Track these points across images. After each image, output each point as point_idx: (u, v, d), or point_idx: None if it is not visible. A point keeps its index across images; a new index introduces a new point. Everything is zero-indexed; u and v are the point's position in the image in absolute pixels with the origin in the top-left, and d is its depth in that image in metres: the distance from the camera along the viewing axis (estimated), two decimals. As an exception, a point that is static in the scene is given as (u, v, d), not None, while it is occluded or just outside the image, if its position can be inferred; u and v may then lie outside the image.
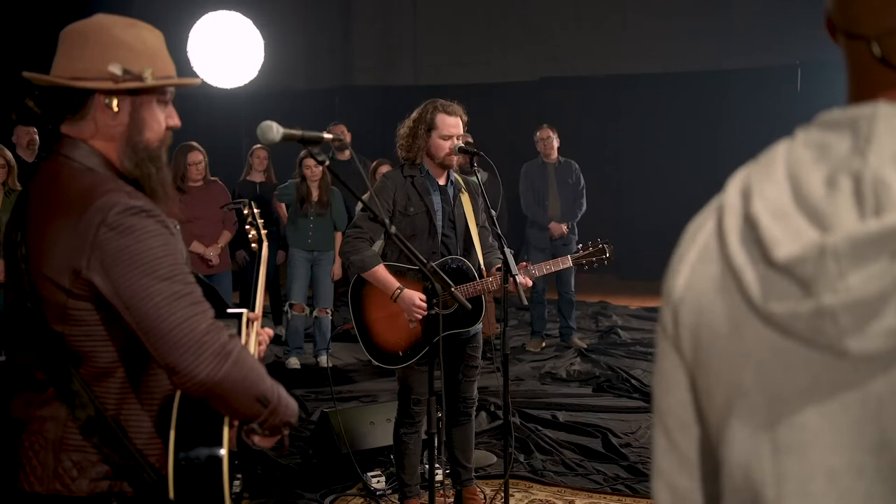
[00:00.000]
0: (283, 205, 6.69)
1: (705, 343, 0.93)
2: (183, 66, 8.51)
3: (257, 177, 7.14)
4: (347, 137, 7.24)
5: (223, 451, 1.60)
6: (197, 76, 1.80)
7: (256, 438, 1.68)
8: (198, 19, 9.03)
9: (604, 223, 8.79)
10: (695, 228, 0.99)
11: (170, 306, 1.49)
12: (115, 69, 1.59)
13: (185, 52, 8.92)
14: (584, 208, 7.13)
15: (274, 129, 1.98)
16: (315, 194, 6.39)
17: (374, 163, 6.57)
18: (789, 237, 0.84)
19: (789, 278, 0.84)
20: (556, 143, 7.11)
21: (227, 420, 1.62)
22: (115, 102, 1.61)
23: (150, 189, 1.65)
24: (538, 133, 7.19)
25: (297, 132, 2.04)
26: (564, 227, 6.98)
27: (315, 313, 6.58)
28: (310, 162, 6.34)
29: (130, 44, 1.63)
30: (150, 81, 1.62)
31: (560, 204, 7.07)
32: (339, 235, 6.54)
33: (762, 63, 10.01)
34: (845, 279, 0.80)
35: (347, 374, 6.35)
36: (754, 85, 9.94)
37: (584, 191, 7.14)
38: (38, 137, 6.86)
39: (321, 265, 6.54)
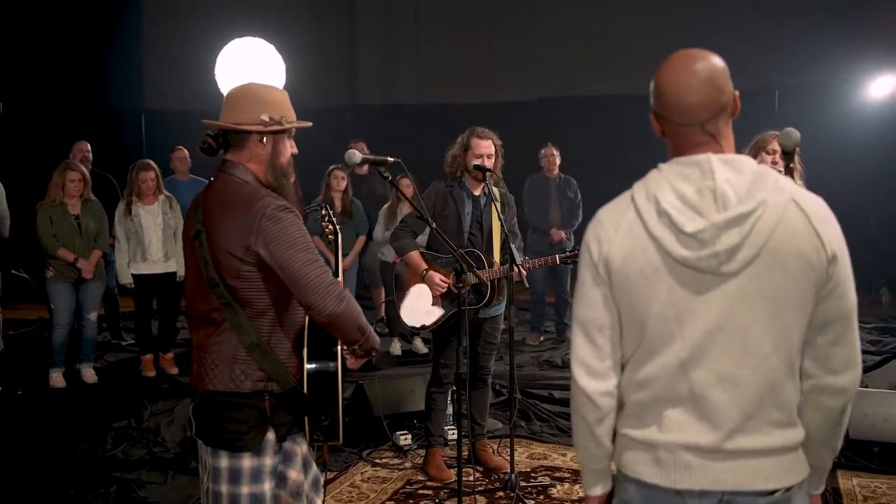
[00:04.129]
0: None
1: (633, 278, 1.73)
2: (211, 88, 9.39)
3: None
4: (366, 152, 8.07)
5: (337, 364, 2.47)
6: (219, 95, 2.69)
7: (351, 361, 2.55)
8: (224, 45, 9.90)
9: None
10: (616, 219, 1.77)
11: (307, 267, 2.35)
12: (265, 117, 2.47)
13: (213, 75, 9.81)
14: (580, 219, 7.95)
15: (357, 155, 2.87)
16: (338, 204, 7.23)
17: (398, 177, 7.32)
18: (688, 220, 1.68)
19: (694, 240, 1.66)
20: (558, 161, 7.98)
21: (339, 343, 2.48)
22: (264, 139, 2.49)
23: (284, 195, 2.52)
24: (543, 150, 8.05)
25: (371, 157, 2.93)
26: (563, 234, 7.83)
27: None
28: (338, 174, 7.21)
29: (272, 101, 2.51)
30: (285, 125, 2.50)
31: (560, 214, 7.93)
32: (360, 239, 7.41)
33: (743, 86, 10.80)
34: (721, 239, 1.65)
35: (371, 361, 7.16)
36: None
37: (581, 204, 7.98)
38: (90, 155, 7.76)
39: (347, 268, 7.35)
